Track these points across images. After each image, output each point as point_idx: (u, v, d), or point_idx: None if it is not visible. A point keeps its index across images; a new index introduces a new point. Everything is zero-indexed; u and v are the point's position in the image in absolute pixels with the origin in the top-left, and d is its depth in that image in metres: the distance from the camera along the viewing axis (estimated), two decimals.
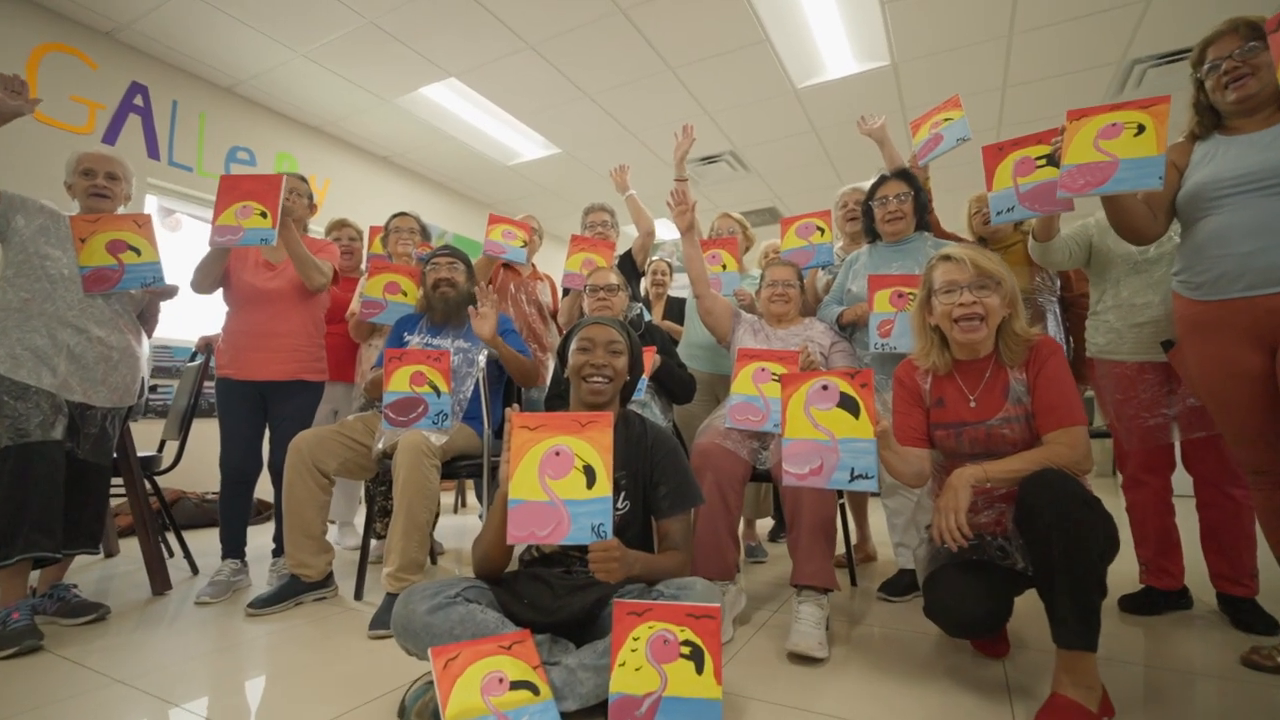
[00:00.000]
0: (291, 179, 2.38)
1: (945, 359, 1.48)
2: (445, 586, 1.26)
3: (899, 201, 2.13)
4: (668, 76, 4.02)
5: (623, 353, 1.47)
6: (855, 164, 5.26)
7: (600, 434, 1.22)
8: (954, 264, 1.43)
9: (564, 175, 5.56)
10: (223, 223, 2.01)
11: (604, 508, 1.18)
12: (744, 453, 1.86)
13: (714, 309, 2.26)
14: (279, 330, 2.22)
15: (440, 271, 2.31)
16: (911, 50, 3.76)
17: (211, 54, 3.75)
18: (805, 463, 1.34)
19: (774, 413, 1.85)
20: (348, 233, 2.96)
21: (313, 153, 4.67)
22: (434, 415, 1.97)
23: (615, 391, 1.47)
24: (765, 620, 1.83)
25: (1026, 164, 1.70)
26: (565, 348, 1.52)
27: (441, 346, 2.21)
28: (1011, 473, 1.28)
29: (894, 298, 1.97)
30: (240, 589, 2.14)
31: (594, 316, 1.50)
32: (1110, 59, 3.84)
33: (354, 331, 2.69)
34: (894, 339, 1.95)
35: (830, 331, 2.16)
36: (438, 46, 3.70)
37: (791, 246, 2.54)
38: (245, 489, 2.21)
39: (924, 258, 2.10)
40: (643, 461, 1.45)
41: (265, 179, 2.05)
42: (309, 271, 2.19)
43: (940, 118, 2.39)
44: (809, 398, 1.36)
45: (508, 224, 2.69)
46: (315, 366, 2.32)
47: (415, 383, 1.97)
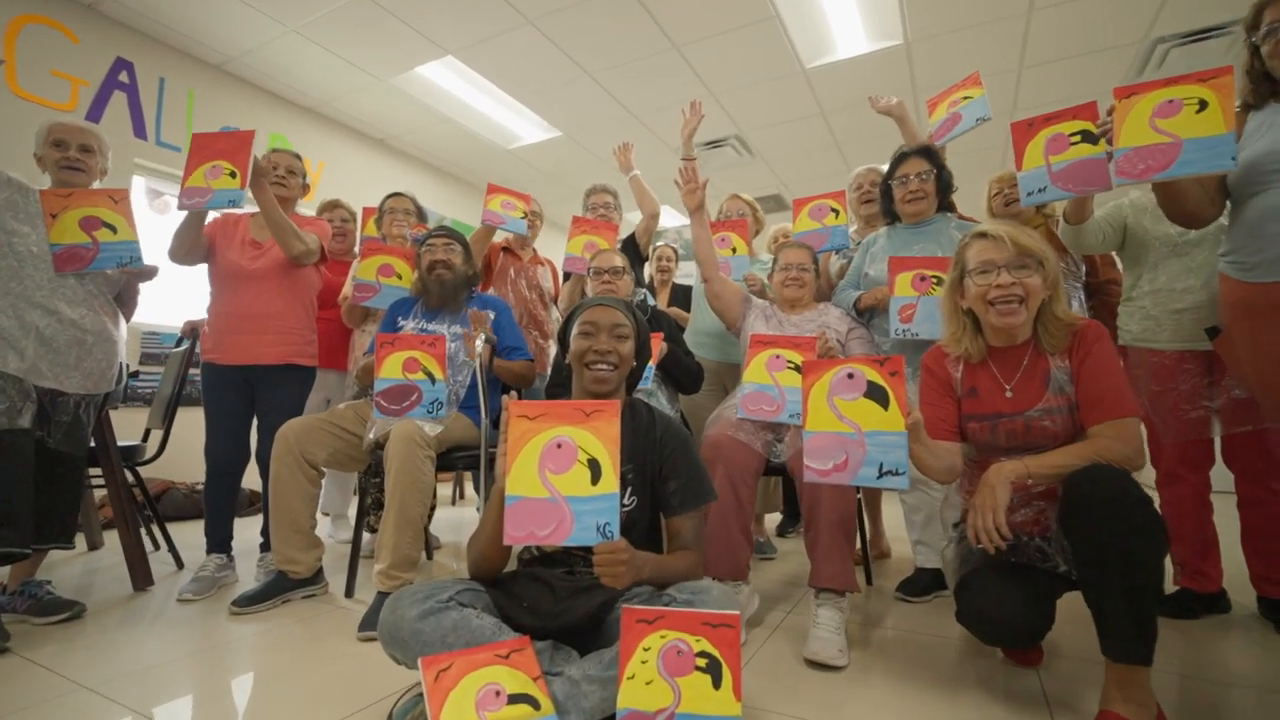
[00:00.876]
0: (285, 156, 2.27)
1: (978, 345, 1.37)
2: (436, 589, 1.16)
3: (920, 180, 2.01)
4: (672, 55, 3.88)
5: (629, 337, 1.36)
6: (863, 149, 5.12)
7: (606, 425, 1.11)
8: (991, 242, 1.31)
9: (564, 159, 5.43)
10: (192, 184, 1.89)
11: (610, 505, 1.08)
12: (757, 445, 1.75)
13: (723, 293, 2.14)
14: (266, 311, 2.10)
15: (436, 253, 2.20)
16: (926, 28, 3.62)
17: (200, 29, 3.61)
18: (829, 458, 1.24)
19: (789, 403, 1.74)
20: (340, 214, 2.84)
21: (306, 134, 4.53)
22: (428, 404, 1.86)
23: (621, 379, 1.36)
24: (779, 622, 1.74)
25: (1059, 141, 1.59)
26: (566, 332, 1.41)
27: (437, 332, 2.10)
28: (1056, 468, 1.18)
29: (916, 281, 1.86)
30: (226, 585, 2.04)
31: (597, 297, 1.39)
32: (1133, 38, 3.71)
33: (347, 316, 2.57)
34: (916, 325, 1.83)
35: (847, 317, 2.05)
36: (434, 22, 3.56)
37: (804, 229, 2.43)
38: (231, 480, 2.11)
39: (947, 240, 1.99)
40: (651, 454, 1.35)
41: (236, 136, 1.92)
42: (286, 238, 2.05)
43: (959, 96, 2.27)
44: (833, 387, 1.25)
45: (507, 194, 2.58)
46: (306, 350, 2.21)
47: (409, 369, 1.87)
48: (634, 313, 1.39)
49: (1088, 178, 1.54)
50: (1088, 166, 1.53)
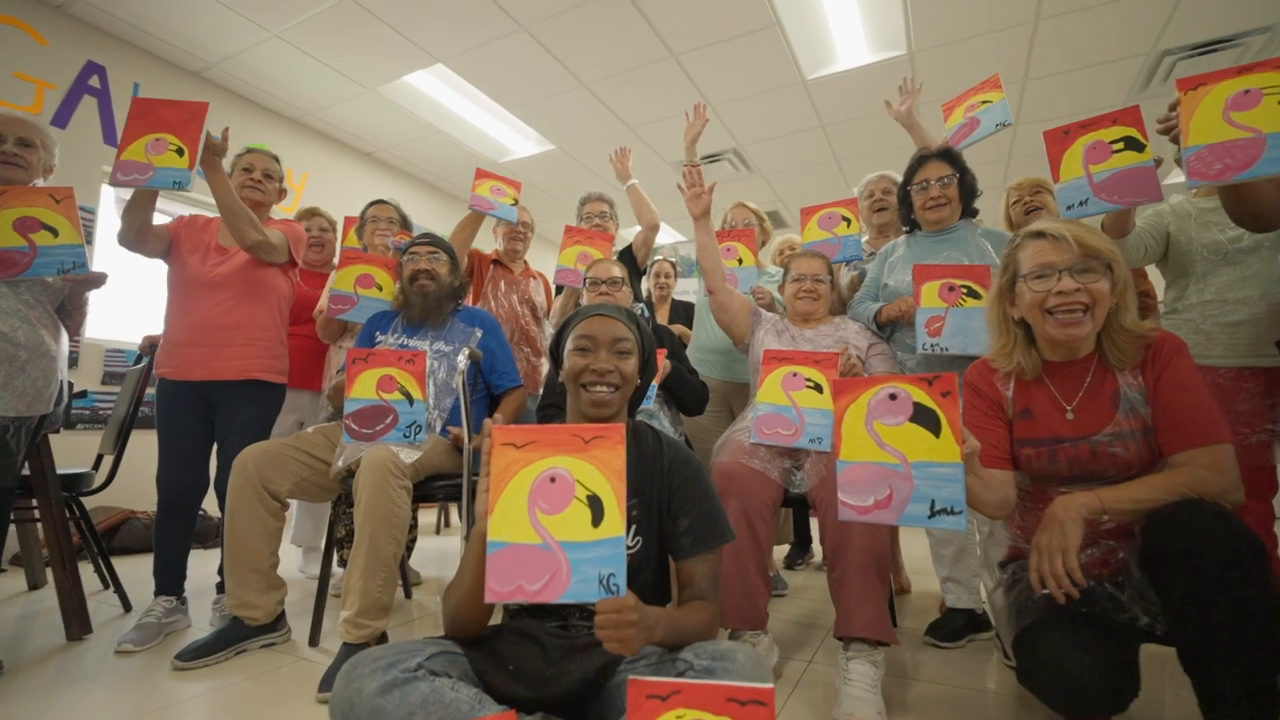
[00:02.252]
0: (262, 158, 2.10)
1: (1032, 360, 1.20)
2: (402, 654, 0.96)
3: (942, 185, 1.86)
4: (670, 64, 3.76)
5: (632, 353, 1.18)
6: (862, 165, 5.01)
7: (610, 454, 0.92)
8: (1049, 242, 1.15)
9: (558, 173, 5.29)
10: (130, 158, 1.66)
11: (615, 553, 0.89)
12: (774, 473, 1.57)
13: (730, 305, 1.97)
14: (228, 322, 1.90)
15: (419, 262, 2.02)
16: (931, 37, 3.52)
17: (176, 32, 3.45)
18: (868, 492, 1.05)
19: (809, 425, 1.56)
20: (318, 223, 2.67)
21: (290, 146, 4.37)
22: (405, 427, 1.67)
23: (623, 402, 1.18)
24: (799, 676, 1.54)
25: (1100, 149, 1.48)
26: (559, 345, 1.23)
27: (418, 348, 1.91)
28: (1137, 502, 1.00)
29: (944, 291, 1.69)
30: (175, 632, 1.82)
31: (594, 306, 1.21)
32: (1139, 50, 3.62)
33: (322, 331, 2.38)
34: (945, 338, 1.67)
35: (866, 332, 1.88)
36: (423, 28, 3.42)
37: (814, 239, 2.27)
38: (185, 513, 1.89)
39: (974, 249, 1.84)
40: (658, 487, 1.16)
41: (187, 107, 1.72)
42: (240, 225, 1.84)
43: (977, 100, 2.15)
44: (871, 410, 1.07)
45: (496, 179, 2.42)
46: (273, 366, 2.00)
47: (383, 388, 1.68)
48: (637, 323, 1.22)
49: (1136, 188, 1.43)
50: (1135, 176, 1.41)
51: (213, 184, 1.79)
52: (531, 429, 0.94)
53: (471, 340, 2.01)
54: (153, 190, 1.74)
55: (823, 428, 1.55)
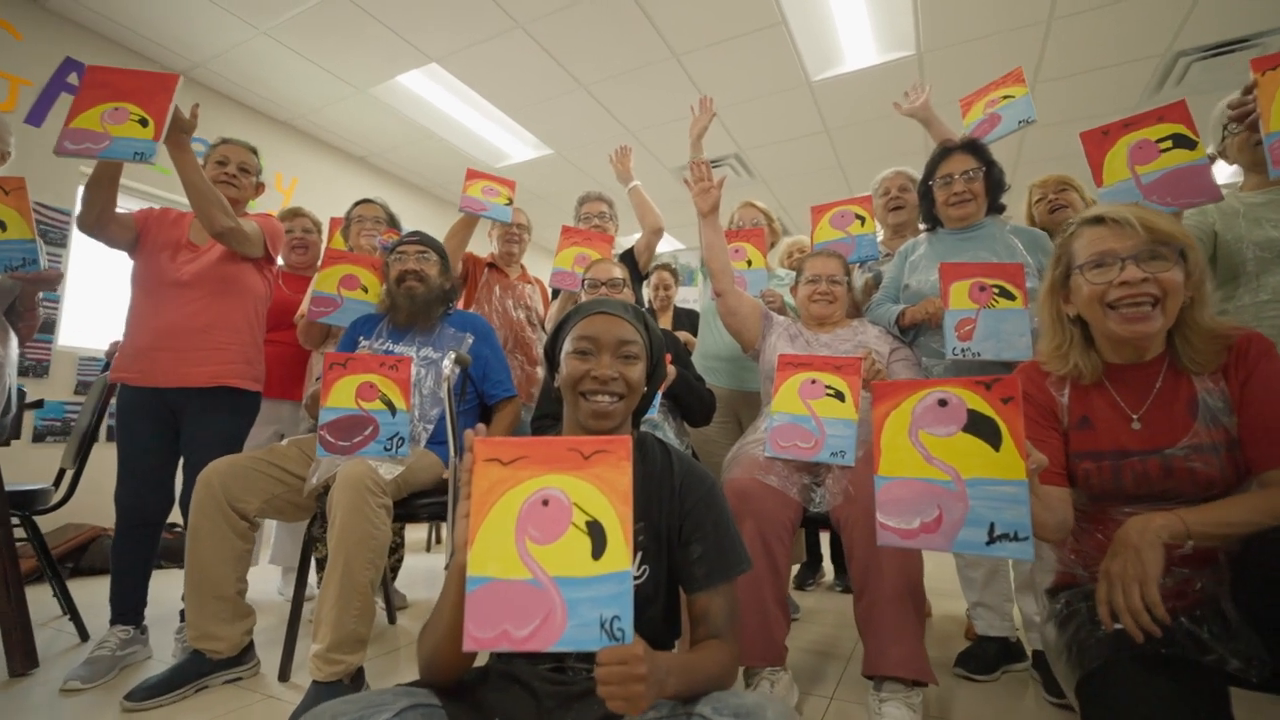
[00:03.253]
0: (238, 150, 1.94)
1: (1091, 362, 1.06)
2: (368, 709, 0.80)
3: (966, 180, 1.73)
4: (671, 65, 3.65)
5: (639, 358, 1.03)
6: (867, 170, 4.88)
7: (614, 471, 0.78)
8: (1109, 228, 1.01)
9: (556, 179, 5.17)
10: (80, 125, 1.51)
11: (621, 591, 0.74)
12: (793, 491, 1.42)
13: (739, 309, 1.84)
14: (198, 324, 1.76)
15: (407, 262, 1.89)
16: (941, 37, 3.42)
17: (160, 29, 3.33)
18: (913, 514, 0.91)
19: (831, 437, 1.42)
20: (302, 223, 2.53)
21: (280, 149, 4.25)
22: (386, 439, 1.52)
23: (627, 413, 1.03)
24: (821, 715, 1.38)
25: (1146, 149, 1.40)
26: (555, 346, 1.09)
27: (404, 355, 1.77)
28: (1228, 526, 0.86)
29: (975, 291, 1.56)
30: (132, 665, 1.65)
31: (597, 302, 1.06)
32: (1154, 51, 3.52)
33: (303, 337, 2.24)
34: (977, 342, 1.53)
35: (887, 336, 1.75)
36: (416, 25, 3.31)
37: (826, 239, 2.14)
38: (146, 534, 1.73)
39: (1003, 247, 1.70)
40: (668, 509, 1.01)
41: (154, 77, 1.57)
42: (209, 209, 1.68)
43: (998, 95, 2.03)
44: (917, 418, 0.93)
45: (489, 179, 2.29)
46: (246, 372, 1.85)
47: (363, 396, 1.53)
48: (645, 322, 1.07)
49: (1191, 188, 1.34)
50: (1188, 175, 1.33)
51: (179, 164, 1.64)
52: (520, 442, 0.79)
53: (462, 346, 1.87)
54: (114, 165, 1.59)
55: (846, 440, 1.41)
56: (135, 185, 3.41)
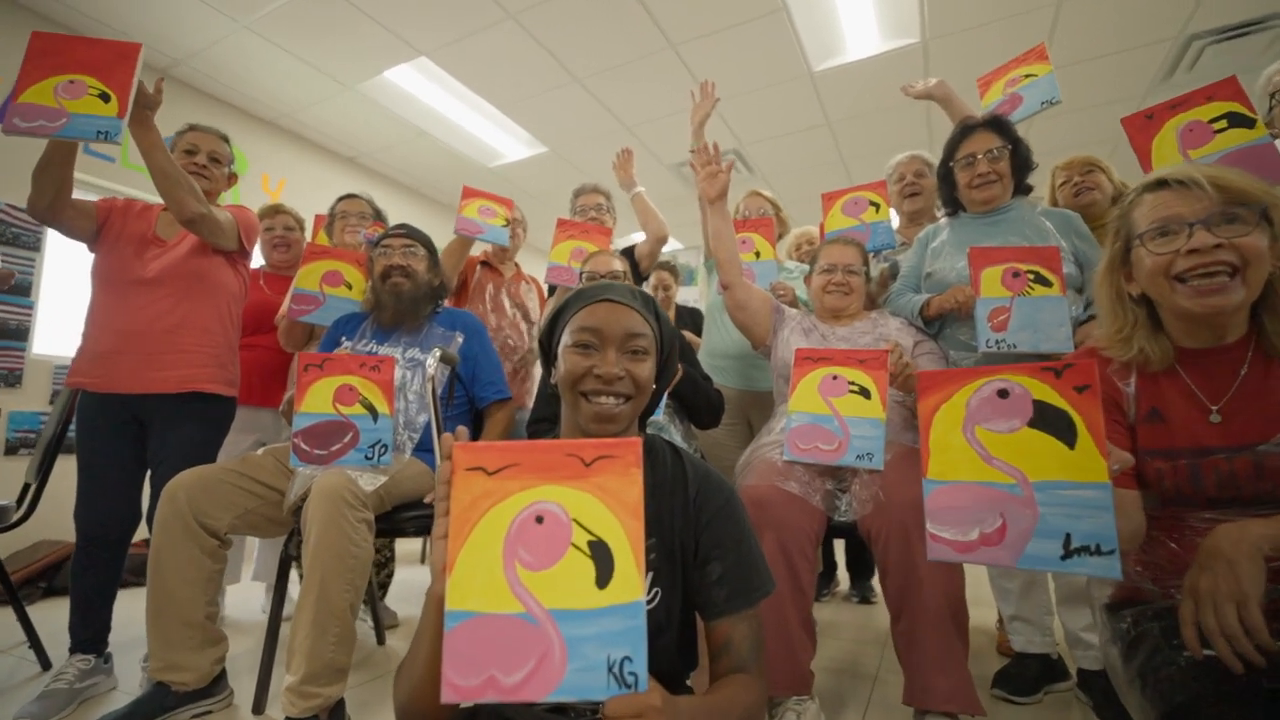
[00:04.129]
0: (208, 138, 1.82)
1: (1161, 347, 0.93)
2: None
3: (990, 160, 1.61)
4: (668, 56, 3.53)
5: (648, 352, 0.89)
6: (869, 165, 4.79)
7: (622, 481, 0.65)
8: (1173, 191, 0.89)
9: (551, 178, 5.04)
10: (30, 100, 1.35)
11: (630, 626, 0.61)
12: (815, 498, 1.29)
13: (748, 302, 1.71)
14: (165, 325, 1.63)
15: (393, 256, 1.76)
16: (947, 23, 3.31)
17: (136, 24, 3.20)
18: (970, 523, 0.78)
19: (856, 439, 1.29)
20: (283, 221, 2.39)
21: (267, 150, 4.12)
22: (367, 446, 1.39)
23: (634, 416, 0.90)
24: None
25: (1198, 131, 1.30)
26: (551, 338, 0.96)
27: (388, 355, 1.64)
28: None
29: (1008, 278, 1.43)
30: (92, 698, 1.51)
31: (600, 287, 0.93)
32: (1166, 34, 3.41)
33: (285, 338, 2.11)
34: (1012, 333, 1.40)
35: (910, 328, 1.62)
36: (403, 16, 3.19)
37: (838, 228, 2.02)
38: (109, 554, 1.59)
39: (1031, 230, 1.58)
40: (682, 522, 0.88)
41: (112, 45, 1.43)
42: (178, 194, 1.55)
43: (1019, 73, 1.91)
44: (973, 411, 0.80)
45: (485, 198, 2.16)
46: (219, 376, 1.72)
47: (342, 400, 1.40)
48: (655, 310, 0.94)
49: (1255, 169, 1.23)
50: (1250, 156, 1.22)
51: (144, 145, 1.51)
52: (508, 446, 0.66)
53: (451, 346, 1.74)
54: (68, 145, 1.46)
55: (873, 440, 1.28)
56: (80, 177, 3.27)
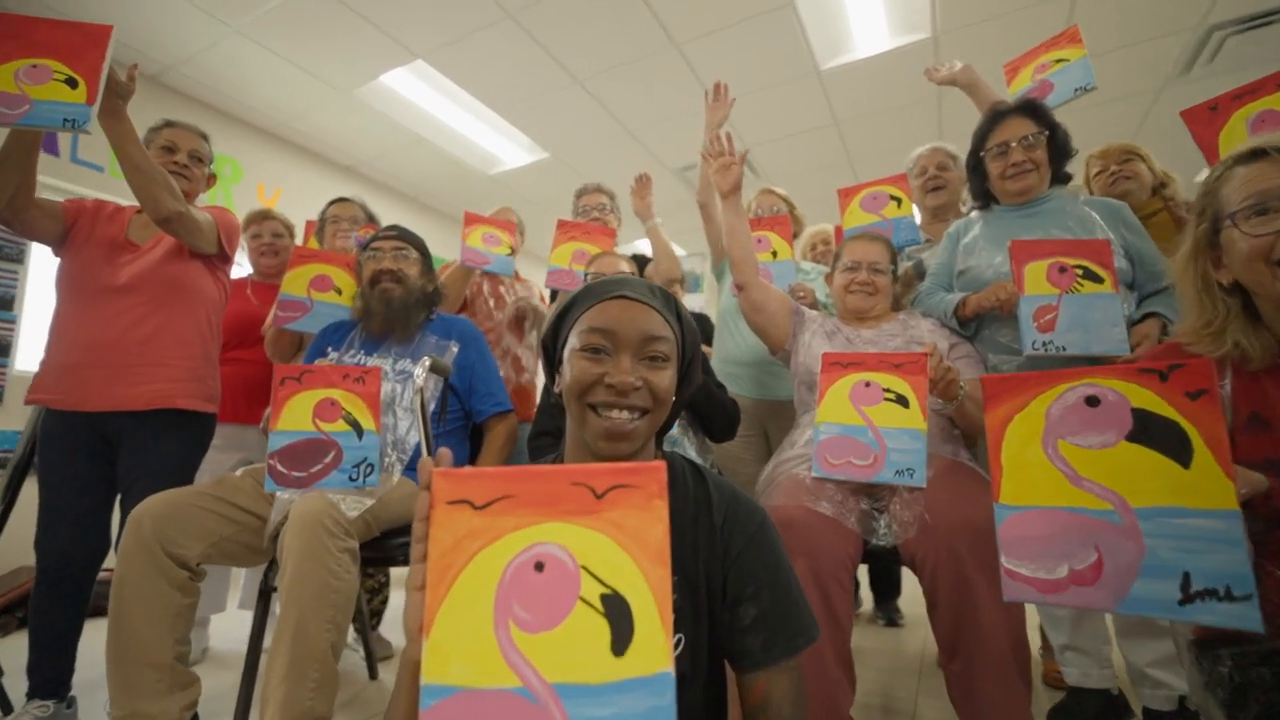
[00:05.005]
0: (188, 136, 1.69)
1: (1263, 341, 0.80)
2: None
3: (1025, 147, 1.49)
4: (671, 55, 3.43)
5: (669, 359, 0.77)
6: (877, 166, 4.66)
7: (642, 517, 0.52)
8: (1271, 163, 0.76)
9: (553, 184, 4.92)
10: None
11: (658, 707, 0.48)
12: (850, 520, 1.15)
13: (766, 304, 1.59)
14: (138, 336, 1.51)
15: (382, 260, 1.65)
16: (959, 16, 3.20)
17: (125, 28, 3.10)
18: (1057, 558, 0.65)
19: (894, 453, 1.16)
20: (271, 227, 2.27)
21: (260, 158, 4.02)
22: (351, 467, 1.26)
23: (651, 432, 0.77)
24: None
25: (1272, 121, 1.21)
26: (556, 340, 0.83)
27: (377, 366, 1.52)
28: None
29: (1054, 273, 1.30)
30: None
31: (613, 281, 0.80)
32: (1187, 23, 3.30)
33: (271, 349, 1.99)
34: (1060, 334, 1.27)
35: (943, 330, 1.49)
36: (398, 17, 3.09)
37: (857, 225, 1.89)
38: (72, 587, 1.46)
39: (1074, 222, 1.45)
40: (708, 555, 0.76)
41: (79, 28, 1.32)
42: (154, 190, 1.44)
43: (1049, 58, 1.80)
44: (1055, 423, 0.67)
45: (490, 225, 2.04)
46: (197, 390, 1.59)
47: (323, 416, 1.27)
48: (677, 310, 0.82)
49: None
50: None
51: (115, 137, 1.39)
52: (501, 475, 0.53)
53: (445, 355, 1.61)
54: (29, 135, 1.35)
55: (913, 454, 1.14)
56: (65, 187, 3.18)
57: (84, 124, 1.28)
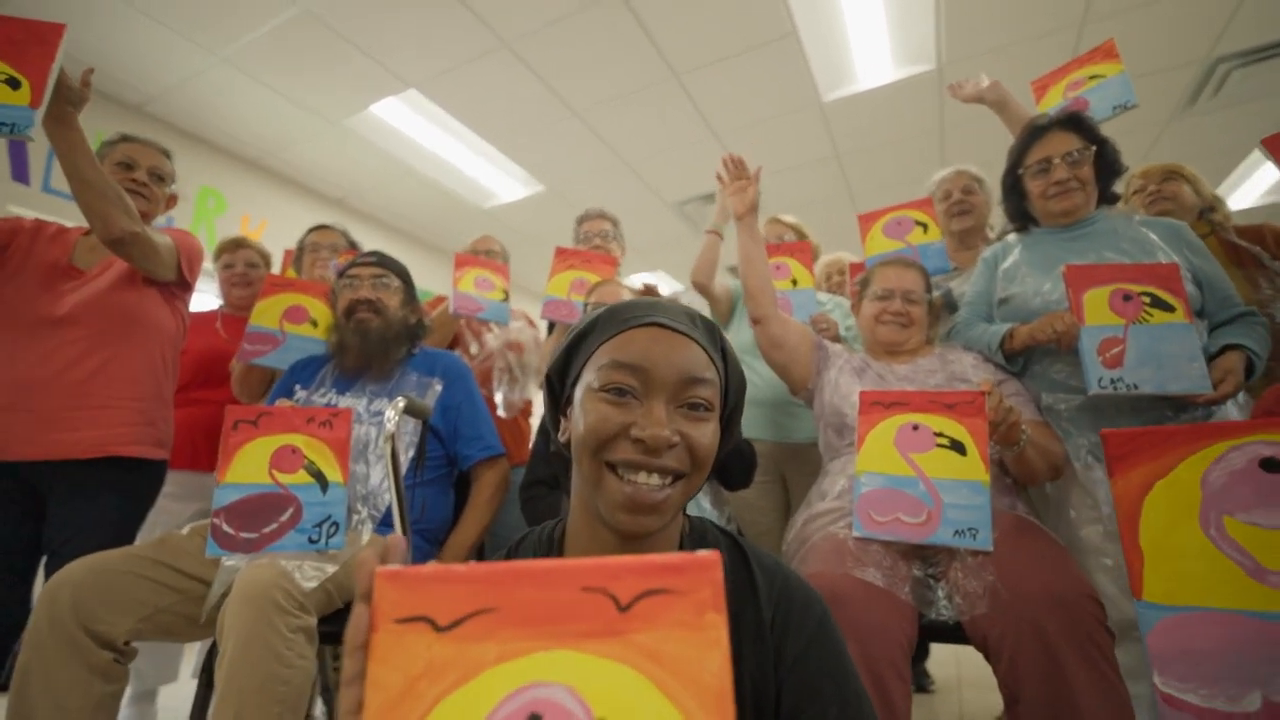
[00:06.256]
0: (149, 152, 1.54)
1: None
2: None
3: (1071, 164, 1.36)
4: (671, 86, 3.36)
5: (711, 409, 0.60)
6: (877, 200, 4.59)
7: (692, 644, 0.34)
8: None
9: (549, 219, 4.82)
10: None
11: None
12: (903, 590, 0.97)
13: (786, 339, 1.43)
14: (78, 374, 1.33)
15: (360, 289, 1.49)
16: (964, 47, 3.15)
17: (107, 56, 3.01)
18: (1237, 680, 0.48)
19: (952, 509, 0.98)
20: (245, 256, 2.11)
21: (245, 189, 3.90)
22: (312, 525, 1.07)
23: (684, 501, 0.60)
24: None
25: None
26: (566, 375, 0.66)
27: (351, 407, 1.35)
28: None
29: (1117, 301, 1.15)
30: None
31: (645, 304, 0.64)
32: (1193, 56, 3.26)
33: (238, 387, 1.81)
34: (1130, 370, 1.11)
35: (987, 365, 1.33)
36: (390, 46, 3.01)
37: (880, 252, 1.75)
38: None
39: (1130, 244, 1.31)
40: (756, 658, 0.58)
41: (27, 25, 1.20)
42: (105, 208, 1.27)
43: (1083, 74, 1.70)
44: (1216, 494, 0.51)
45: (481, 267, 1.88)
46: (147, 435, 1.41)
47: (281, 466, 1.09)
48: (721, 345, 0.65)
49: None
50: None
51: (63, 147, 1.24)
52: (476, 576, 0.36)
53: (427, 395, 1.44)
54: None
55: (975, 511, 0.97)
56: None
57: (25, 129, 1.14)
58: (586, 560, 0.37)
